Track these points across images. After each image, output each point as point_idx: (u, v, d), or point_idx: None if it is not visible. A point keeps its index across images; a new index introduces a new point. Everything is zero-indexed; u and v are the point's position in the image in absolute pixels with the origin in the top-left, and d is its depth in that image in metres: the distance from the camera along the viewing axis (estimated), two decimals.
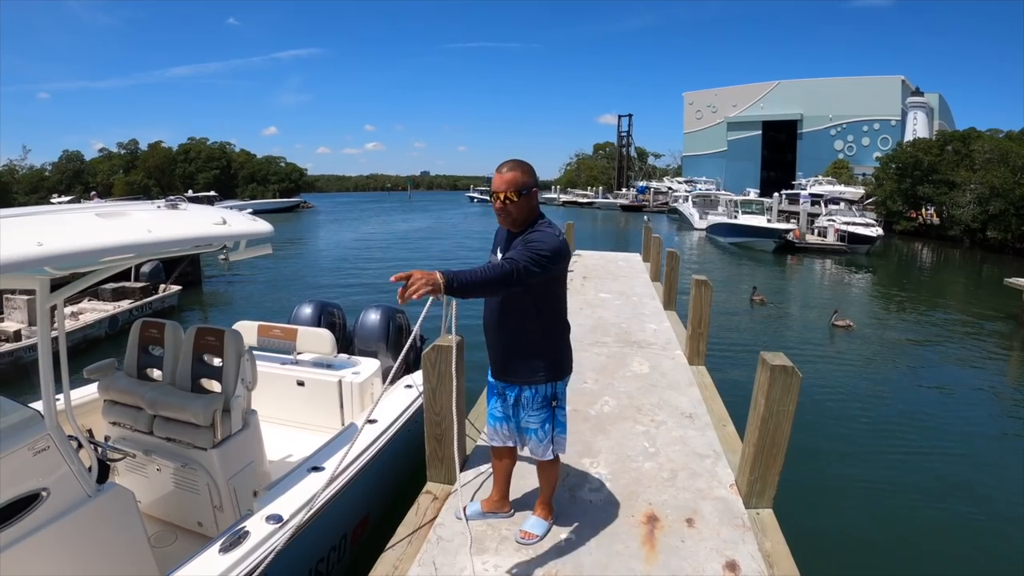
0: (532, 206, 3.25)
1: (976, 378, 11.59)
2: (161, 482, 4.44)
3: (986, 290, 22.66)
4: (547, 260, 2.97)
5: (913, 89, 75.00)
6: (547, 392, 3.42)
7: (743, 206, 37.85)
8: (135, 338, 4.64)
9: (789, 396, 3.82)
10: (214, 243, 3.80)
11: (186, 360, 4.46)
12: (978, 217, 35.31)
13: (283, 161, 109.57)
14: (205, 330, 4.49)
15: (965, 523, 6.25)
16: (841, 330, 14.59)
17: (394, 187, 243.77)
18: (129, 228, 3.21)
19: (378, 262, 28.64)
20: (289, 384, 5.90)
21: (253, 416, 4.61)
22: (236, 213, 4.17)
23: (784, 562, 3.53)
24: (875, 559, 5.58)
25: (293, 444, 5.48)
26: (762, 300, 17.64)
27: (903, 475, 7.21)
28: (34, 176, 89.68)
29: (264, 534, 3.50)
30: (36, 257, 2.59)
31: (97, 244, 2.92)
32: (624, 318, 9.79)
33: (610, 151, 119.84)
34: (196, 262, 19.20)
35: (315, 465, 4.23)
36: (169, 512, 4.54)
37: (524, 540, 3.67)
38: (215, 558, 3.25)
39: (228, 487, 4.25)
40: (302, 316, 6.96)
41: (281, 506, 3.74)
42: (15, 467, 3.05)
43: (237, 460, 4.34)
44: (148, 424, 4.33)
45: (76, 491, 3.32)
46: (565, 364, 3.49)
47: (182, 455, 4.28)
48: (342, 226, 54.29)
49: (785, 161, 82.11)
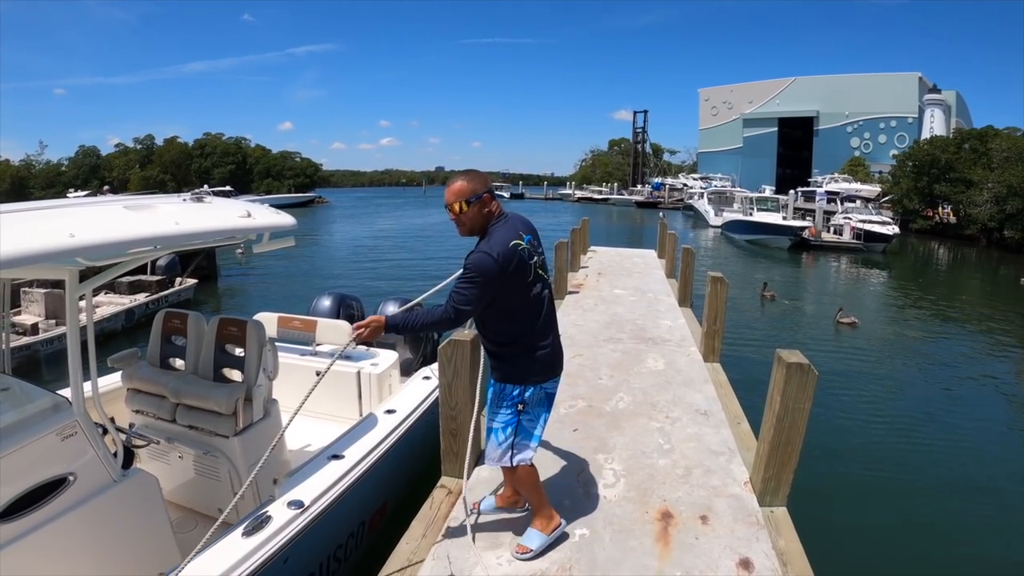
0: (485, 212, 3.21)
1: (992, 379, 11.49)
2: (182, 469, 4.54)
3: (1002, 290, 22.48)
4: (472, 286, 3.03)
5: (930, 86, 74.40)
6: (514, 393, 3.32)
7: (758, 203, 37.74)
8: (158, 328, 4.72)
9: (805, 394, 3.80)
10: (239, 236, 3.92)
11: (209, 350, 4.55)
12: (995, 216, 34.99)
13: (298, 156, 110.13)
14: (228, 320, 4.57)
15: (981, 522, 6.22)
16: (846, 327, 14.60)
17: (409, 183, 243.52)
18: (157, 220, 3.30)
19: (393, 257, 28.72)
20: (308, 375, 5.89)
21: (274, 405, 4.69)
22: (260, 206, 4.25)
23: (798, 561, 3.53)
24: (889, 559, 5.56)
25: (312, 434, 5.52)
26: (772, 296, 17.62)
27: (917, 474, 7.18)
28: (50, 171, 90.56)
29: (286, 519, 3.55)
30: (69, 248, 2.69)
31: (127, 236, 3.04)
32: (639, 314, 9.77)
33: (625, 147, 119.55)
34: (212, 256, 19.28)
35: (335, 453, 4.30)
36: (190, 499, 4.63)
37: (517, 554, 3.51)
38: (238, 541, 3.30)
39: (249, 474, 4.21)
40: (321, 308, 7.06)
41: (302, 492, 3.79)
42: (43, 451, 3.13)
43: (258, 448, 4.38)
44: (171, 412, 4.42)
45: (102, 476, 3.40)
46: (531, 369, 3.32)
47: (204, 442, 4.37)
48: (357, 221, 54.39)
49: (801, 158, 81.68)
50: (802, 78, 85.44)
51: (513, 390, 3.32)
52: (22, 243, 2.54)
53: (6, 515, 2.96)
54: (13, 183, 78.66)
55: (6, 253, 2.45)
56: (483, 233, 3.22)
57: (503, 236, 3.13)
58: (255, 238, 4.07)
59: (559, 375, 3.50)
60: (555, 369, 3.44)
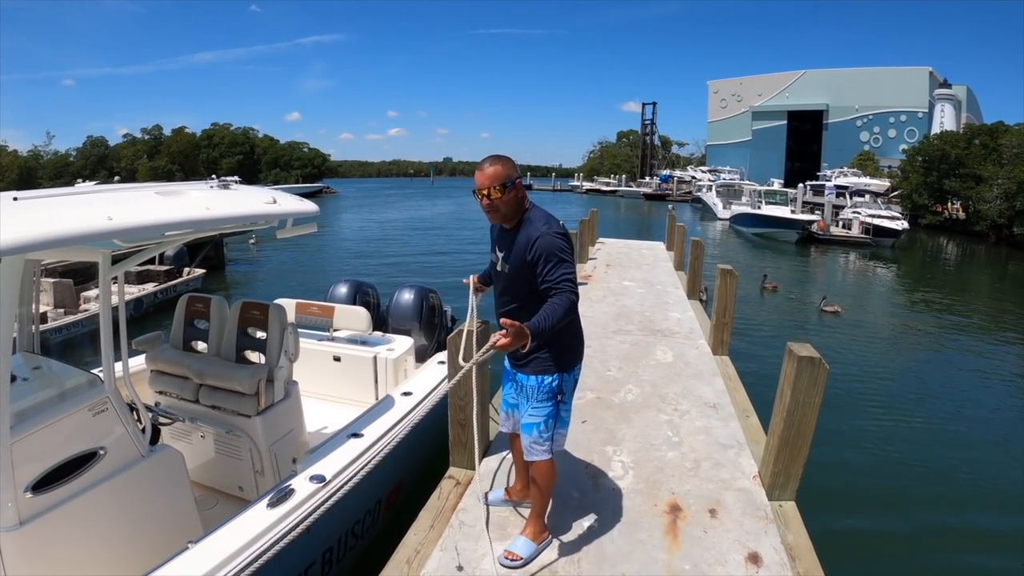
0: (519, 198, 3.19)
1: (1002, 375, 11.45)
2: (204, 448, 4.69)
3: (1011, 286, 22.39)
4: (571, 261, 3.07)
5: (941, 81, 73.86)
6: (552, 384, 3.30)
7: (767, 196, 37.64)
8: (181, 312, 4.84)
9: (816, 388, 3.77)
10: (265, 221, 4.10)
11: (231, 333, 4.68)
12: (1005, 213, 34.79)
13: (306, 147, 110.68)
14: (250, 304, 4.71)
15: (990, 519, 6.20)
16: (829, 315, 14.89)
17: (417, 173, 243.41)
18: (189, 205, 3.46)
19: (400, 246, 28.75)
20: (325, 359, 6.12)
21: (294, 387, 4.81)
22: (284, 193, 4.39)
23: (807, 556, 3.51)
24: (898, 555, 5.54)
25: (329, 416, 5.62)
26: (774, 287, 17.73)
27: (927, 470, 7.15)
28: (59, 161, 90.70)
29: (308, 492, 3.71)
30: (107, 230, 2.84)
31: (162, 219, 3.22)
32: (648, 306, 9.76)
33: (634, 139, 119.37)
34: (219, 246, 19.36)
35: (354, 432, 4.49)
36: (211, 477, 4.77)
37: (506, 561, 3.41)
38: (263, 512, 3.44)
39: (270, 453, 4.47)
40: (338, 295, 7.16)
41: (323, 467, 3.95)
42: (76, 426, 3.30)
43: (279, 427, 4.57)
44: (194, 393, 4.54)
45: (131, 451, 3.57)
46: (574, 354, 3.40)
47: (227, 422, 4.49)
48: (364, 211, 54.48)
49: (810, 152, 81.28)
50: (812, 71, 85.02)
51: (553, 381, 3.29)
52: (65, 225, 2.69)
53: (41, 486, 3.10)
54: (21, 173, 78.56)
55: (51, 234, 2.60)
56: (519, 220, 3.20)
57: (548, 219, 3.17)
58: (278, 224, 4.21)
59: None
60: (583, 353, 3.49)
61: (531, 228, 3.12)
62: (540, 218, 3.17)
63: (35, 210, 2.76)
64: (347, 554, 4.38)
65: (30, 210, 2.74)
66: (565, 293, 2.96)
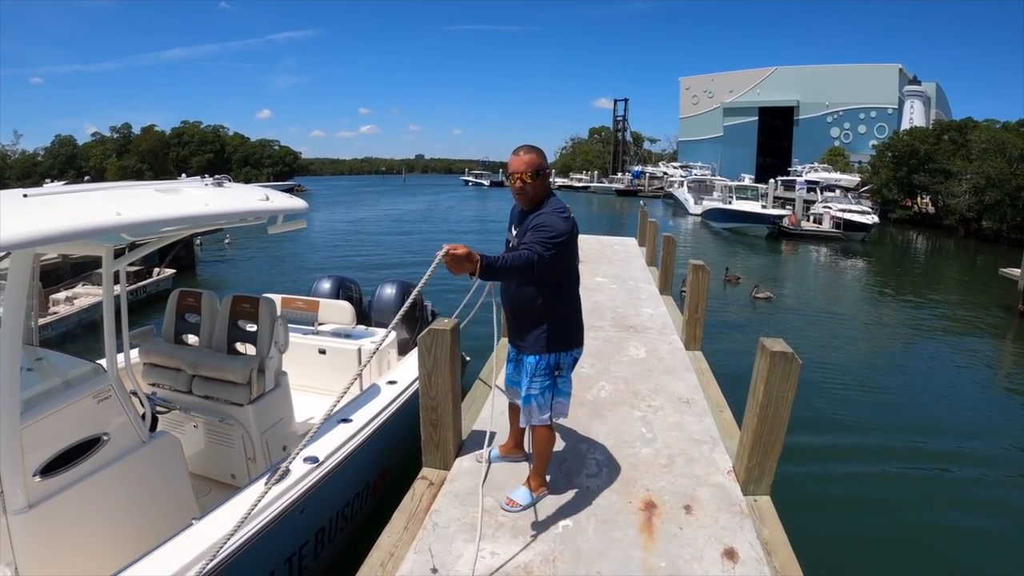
0: (546, 185, 3.54)
1: (971, 367, 11.66)
2: (197, 438, 4.90)
3: (980, 279, 22.72)
4: (557, 242, 3.26)
5: (910, 78, 74.97)
6: (550, 361, 3.61)
7: (738, 192, 37.94)
8: (173, 306, 5.05)
9: (788, 383, 3.78)
10: (257, 217, 4.24)
11: (223, 325, 4.88)
12: (973, 207, 35.29)
13: (277, 144, 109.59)
14: (241, 298, 4.92)
15: (960, 509, 6.29)
16: (762, 301, 15.72)
17: (389, 171, 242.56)
18: (189, 202, 3.64)
19: (372, 244, 28.60)
20: (310, 352, 6.34)
21: (284, 377, 5.04)
22: (276, 191, 4.54)
23: (782, 550, 3.51)
24: (873, 546, 5.58)
25: (316, 407, 5.74)
26: (736, 279, 18.02)
27: (898, 462, 7.24)
28: (26, 161, 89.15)
29: (303, 471, 3.92)
30: (116, 225, 3.01)
31: (166, 215, 3.40)
32: (620, 302, 9.76)
33: (606, 135, 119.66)
34: (189, 246, 19.09)
35: (344, 417, 4.69)
36: (204, 466, 4.96)
37: (506, 507, 3.84)
38: (262, 490, 3.51)
39: (261, 440, 4.70)
40: (322, 290, 7.35)
41: (317, 449, 4.14)
42: (81, 413, 3.48)
43: (270, 416, 4.81)
44: (187, 384, 4.74)
45: (132, 437, 3.77)
46: (570, 337, 3.72)
47: (220, 411, 4.72)
48: (336, 209, 54.04)
49: (781, 147, 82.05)
50: (783, 68, 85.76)
51: (551, 359, 3.62)
52: (76, 219, 2.83)
53: (48, 470, 3.27)
54: None
55: (63, 228, 2.73)
56: (540, 205, 3.49)
57: (563, 207, 3.49)
58: (269, 220, 4.36)
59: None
60: (583, 339, 3.85)
61: (543, 209, 3.45)
62: (554, 204, 3.50)
63: (46, 206, 2.90)
64: (337, 535, 4.57)
65: (41, 206, 2.88)
66: (528, 250, 3.19)
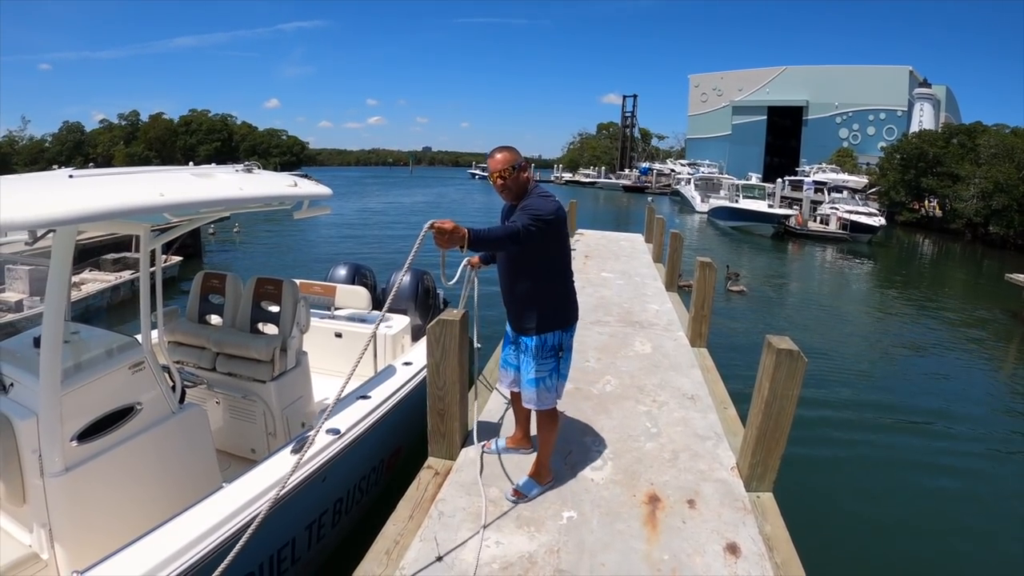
0: (525, 178, 3.66)
1: (976, 371, 11.65)
2: (220, 414, 5.12)
3: (986, 284, 22.65)
4: (541, 220, 3.39)
5: (920, 80, 74.55)
6: (554, 341, 3.75)
7: (745, 190, 37.75)
8: (197, 288, 5.28)
9: (794, 380, 3.80)
10: (283, 202, 4.38)
11: (246, 306, 5.14)
12: (981, 212, 35.07)
13: (285, 134, 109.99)
14: (264, 280, 5.17)
15: (961, 509, 6.30)
16: (735, 294, 16.22)
17: (396, 162, 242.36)
18: (225, 186, 3.82)
19: (380, 235, 28.57)
20: (327, 336, 6.54)
21: (304, 356, 5.31)
22: (302, 178, 4.72)
23: (784, 546, 3.54)
24: (874, 543, 5.60)
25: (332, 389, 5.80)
26: (736, 275, 18.07)
27: (900, 462, 7.24)
28: (34, 147, 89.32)
29: (326, 442, 4.14)
30: (160, 204, 3.19)
31: (206, 196, 3.58)
32: (626, 298, 9.77)
33: (613, 131, 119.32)
34: (196, 234, 19.09)
35: (363, 394, 4.91)
36: (225, 442, 5.14)
37: (511, 497, 3.90)
38: (287, 457, 3.84)
39: (282, 416, 4.96)
40: (337, 276, 7.61)
41: (338, 422, 4.38)
42: (116, 382, 3.68)
43: (291, 392, 5.07)
44: (211, 361, 5.00)
45: (163, 407, 3.96)
46: (567, 315, 3.84)
47: (243, 387, 4.97)
48: (343, 200, 54.00)
49: (789, 147, 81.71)
50: (793, 67, 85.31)
51: (554, 339, 3.75)
52: (123, 198, 2.99)
53: (84, 436, 3.45)
54: None
55: (111, 205, 2.90)
56: (526, 195, 3.62)
57: (547, 193, 3.65)
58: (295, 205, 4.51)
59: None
60: (578, 314, 3.96)
61: (528, 198, 3.58)
62: (539, 191, 3.65)
63: (93, 186, 3.09)
64: (353, 507, 4.77)
65: (88, 186, 3.07)
66: (514, 224, 3.34)
